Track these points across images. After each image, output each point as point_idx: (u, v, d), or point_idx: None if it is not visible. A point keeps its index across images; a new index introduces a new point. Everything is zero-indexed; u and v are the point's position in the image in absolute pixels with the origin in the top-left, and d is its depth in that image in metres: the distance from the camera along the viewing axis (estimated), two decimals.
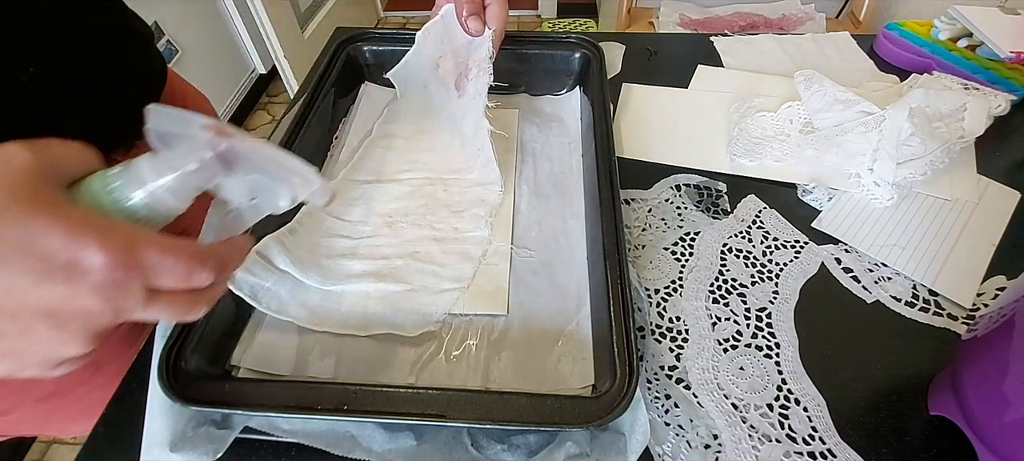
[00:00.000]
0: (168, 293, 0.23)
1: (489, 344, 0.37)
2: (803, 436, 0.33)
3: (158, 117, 0.22)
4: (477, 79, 0.45)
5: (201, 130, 0.22)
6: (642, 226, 0.45)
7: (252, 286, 0.37)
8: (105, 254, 0.20)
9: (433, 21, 0.47)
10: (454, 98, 0.49)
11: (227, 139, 0.23)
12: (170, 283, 0.22)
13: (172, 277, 0.22)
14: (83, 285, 0.20)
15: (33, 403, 0.45)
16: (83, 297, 0.20)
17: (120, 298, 0.21)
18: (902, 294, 0.40)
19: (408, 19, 2.53)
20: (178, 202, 0.24)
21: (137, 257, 0.21)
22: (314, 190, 0.26)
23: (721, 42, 0.67)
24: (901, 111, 0.46)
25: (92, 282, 0.20)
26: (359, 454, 0.30)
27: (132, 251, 0.21)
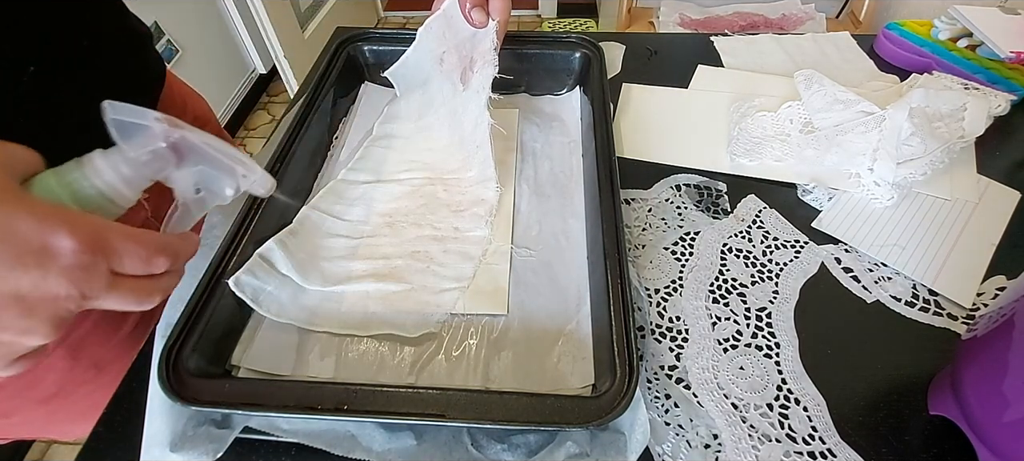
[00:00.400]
0: (129, 279, 0.24)
1: (489, 344, 0.37)
2: (803, 436, 0.33)
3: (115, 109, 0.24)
4: (482, 71, 0.45)
5: (155, 122, 0.24)
6: (642, 226, 0.45)
7: (254, 289, 0.37)
8: (74, 239, 0.21)
9: (435, 16, 0.47)
10: (458, 92, 0.49)
11: (179, 130, 0.25)
12: (132, 268, 0.24)
13: (134, 261, 0.23)
14: (53, 269, 0.21)
15: (35, 405, 0.45)
16: (52, 281, 0.21)
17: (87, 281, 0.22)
18: (902, 294, 0.40)
19: (408, 19, 2.53)
20: (131, 192, 0.25)
21: (103, 242, 0.22)
22: (255, 180, 0.29)
23: (721, 42, 0.67)
24: (901, 111, 0.46)
25: (62, 265, 0.21)
26: (359, 454, 0.30)
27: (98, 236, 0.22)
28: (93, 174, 0.24)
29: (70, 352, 0.43)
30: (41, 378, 0.43)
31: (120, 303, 0.24)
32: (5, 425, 0.47)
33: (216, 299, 0.34)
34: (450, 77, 0.49)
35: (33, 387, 0.43)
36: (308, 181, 0.47)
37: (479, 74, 0.45)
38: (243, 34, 1.77)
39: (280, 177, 0.42)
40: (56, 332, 0.22)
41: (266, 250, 0.38)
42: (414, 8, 2.53)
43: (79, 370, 0.44)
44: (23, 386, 0.43)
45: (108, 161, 0.24)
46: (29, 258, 0.20)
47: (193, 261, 0.38)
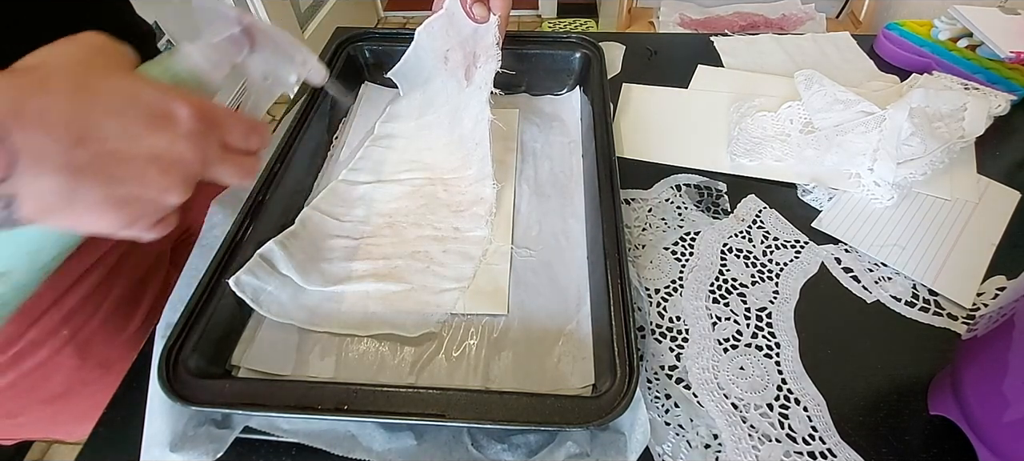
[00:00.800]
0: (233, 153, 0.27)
1: (489, 344, 0.37)
2: (803, 436, 0.33)
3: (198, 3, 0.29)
4: (485, 66, 0.45)
5: (229, 9, 0.29)
6: (642, 226, 0.45)
7: (255, 289, 0.37)
8: (190, 107, 0.24)
9: (436, 15, 0.47)
10: (462, 89, 0.49)
11: (249, 16, 0.30)
12: (235, 140, 0.27)
13: (237, 133, 0.27)
14: (178, 132, 0.24)
15: (42, 404, 0.45)
16: (179, 144, 0.24)
17: (205, 147, 0.25)
18: (902, 294, 0.40)
19: (408, 19, 2.53)
20: (217, 75, 0.30)
21: (211, 113, 0.25)
22: (312, 67, 0.34)
23: (721, 42, 0.67)
24: (901, 111, 0.46)
25: (184, 130, 0.24)
26: (359, 454, 0.30)
27: (207, 108, 0.25)
28: (185, 59, 0.28)
29: (78, 351, 0.44)
30: (48, 378, 0.43)
31: (229, 173, 0.27)
32: (11, 425, 0.47)
33: (216, 299, 0.34)
34: (455, 75, 0.49)
35: (40, 387, 0.44)
36: (308, 181, 0.47)
37: (482, 69, 0.46)
38: None
39: (280, 177, 0.42)
40: (187, 192, 0.25)
41: (267, 250, 0.38)
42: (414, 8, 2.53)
43: (86, 369, 0.45)
44: (30, 386, 0.43)
45: (196, 47, 0.28)
46: (157, 122, 0.23)
47: (193, 261, 0.39)
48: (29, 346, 0.42)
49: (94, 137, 0.22)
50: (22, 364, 0.42)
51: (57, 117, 0.21)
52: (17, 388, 0.43)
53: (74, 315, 0.43)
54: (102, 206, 0.23)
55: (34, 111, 0.20)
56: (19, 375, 0.42)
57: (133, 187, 0.23)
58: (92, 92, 0.22)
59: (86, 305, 0.44)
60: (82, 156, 0.21)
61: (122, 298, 0.47)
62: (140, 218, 0.24)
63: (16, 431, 0.49)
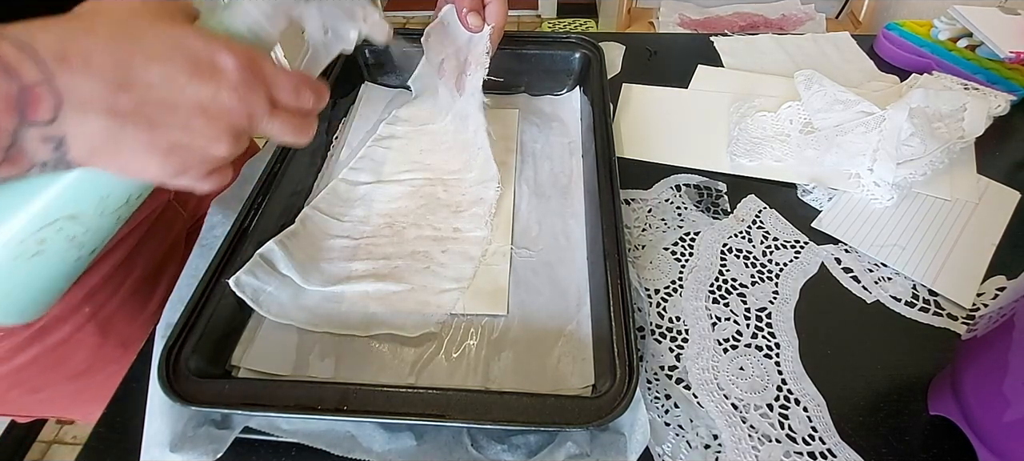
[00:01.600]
0: (283, 110, 0.26)
1: (489, 344, 0.37)
2: (803, 436, 0.33)
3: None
4: (474, 75, 0.46)
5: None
6: (642, 226, 0.45)
7: (255, 289, 0.37)
8: (235, 58, 0.24)
9: (433, 24, 0.47)
10: (457, 99, 0.49)
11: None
12: (284, 97, 0.26)
13: (286, 91, 0.26)
14: (224, 83, 0.23)
15: (65, 381, 0.46)
16: (224, 94, 0.23)
17: (251, 99, 0.24)
18: (902, 294, 0.40)
19: (408, 19, 2.53)
20: (273, 28, 0.29)
21: (258, 66, 0.25)
22: (374, 21, 0.32)
23: (721, 42, 0.67)
24: (901, 111, 0.46)
25: (229, 81, 0.23)
26: (359, 454, 0.30)
27: (254, 61, 0.25)
28: (241, 12, 0.27)
29: (99, 329, 0.45)
30: (71, 354, 0.45)
31: (280, 130, 0.26)
32: (33, 401, 0.48)
33: (216, 299, 0.34)
34: (448, 84, 0.50)
35: (63, 363, 0.45)
36: (308, 181, 0.47)
37: (471, 77, 0.46)
38: None
39: (280, 177, 0.42)
40: (236, 144, 0.25)
41: (267, 250, 0.38)
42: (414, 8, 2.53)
43: (108, 348, 0.46)
44: (54, 362, 0.44)
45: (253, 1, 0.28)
46: (204, 70, 0.23)
47: (193, 261, 0.39)
48: (53, 322, 0.43)
49: (138, 83, 0.22)
50: (46, 339, 0.43)
51: (100, 61, 0.21)
52: (41, 363, 0.44)
53: (96, 293, 0.45)
54: (148, 152, 0.23)
55: (78, 54, 0.21)
56: (43, 350, 0.43)
57: (178, 135, 0.23)
58: (137, 39, 0.22)
59: (107, 284, 0.45)
60: (125, 101, 0.22)
61: (142, 279, 0.48)
62: (189, 168, 0.25)
63: (39, 407, 0.51)
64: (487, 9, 0.45)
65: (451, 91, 0.49)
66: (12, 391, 0.46)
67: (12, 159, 0.21)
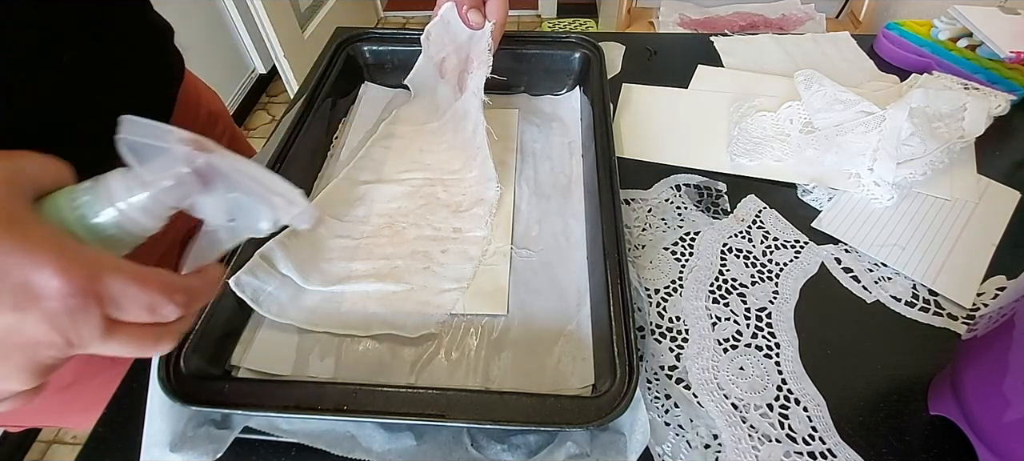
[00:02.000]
0: (131, 325, 0.21)
1: (489, 344, 0.37)
2: (803, 436, 0.33)
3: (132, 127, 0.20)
4: (476, 73, 0.46)
5: (178, 144, 0.21)
6: (642, 226, 0.45)
7: (255, 289, 0.37)
8: (62, 279, 0.18)
9: (433, 22, 0.47)
10: (457, 97, 0.49)
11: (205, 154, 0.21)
12: (133, 315, 0.21)
13: (136, 308, 0.21)
14: (33, 311, 0.18)
15: (53, 392, 0.45)
16: (31, 325, 0.18)
17: (74, 328, 0.19)
18: (902, 294, 0.40)
19: (408, 19, 2.53)
20: (151, 221, 0.22)
21: (98, 284, 0.19)
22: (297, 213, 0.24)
23: (721, 42, 0.67)
24: (901, 111, 0.46)
25: (44, 309, 0.18)
26: (359, 454, 0.30)
27: (93, 277, 0.19)
28: (106, 199, 0.21)
29: None
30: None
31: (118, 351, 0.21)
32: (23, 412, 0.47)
33: (216, 299, 0.34)
34: (450, 82, 0.50)
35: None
36: (308, 181, 0.47)
37: (474, 75, 0.46)
38: (243, 34, 1.77)
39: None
40: (34, 380, 0.20)
41: (267, 250, 0.38)
42: (414, 8, 2.53)
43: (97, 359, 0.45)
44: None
45: (125, 184, 0.21)
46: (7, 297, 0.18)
47: None
48: None
49: None
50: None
51: None
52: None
53: None
54: None
55: None
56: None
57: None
58: None
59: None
60: None
61: None
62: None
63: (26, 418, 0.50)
64: (487, 6, 0.45)
65: (452, 89, 0.49)
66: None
67: None
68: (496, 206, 0.44)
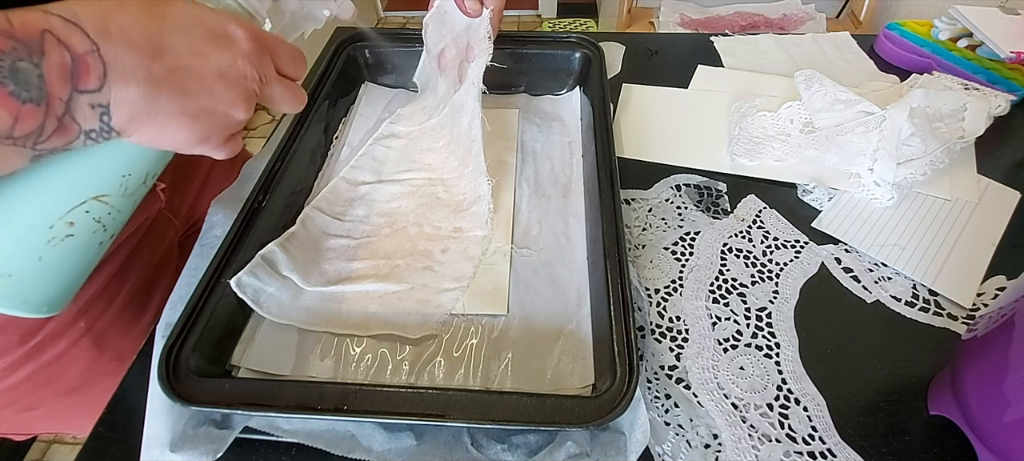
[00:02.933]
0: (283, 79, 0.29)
1: (489, 344, 0.37)
2: (803, 436, 0.33)
3: None
4: (477, 61, 0.45)
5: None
6: (642, 226, 0.45)
7: (255, 290, 0.37)
8: (246, 30, 0.27)
9: (431, 13, 0.47)
10: (456, 89, 0.49)
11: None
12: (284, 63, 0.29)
13: (285, 58, 0.29)
14: (237, 51, 0.26)
15: (59, 397, 0.46)
16: (239, 62, 0.26)
17: (262, 66, 0.27)
18: (902, 294, 0.40)
19: (408, 19, 2.53)
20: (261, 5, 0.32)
21: (263, 37, 0.28)
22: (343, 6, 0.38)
23: (721, 42, 0.67)
24: (901, 111, 0.46)
25: (242, 49, 0.26)
26: (359, 454, 0.30)
27: (258, 32, 0.27)
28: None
29: (94, 342, 0.45)
30: (65, 370, 0.45)
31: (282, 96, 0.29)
32: (28, 419, 0.48)
33: (216, 299, 0.34)
34: (449, 74, 0.49)
35: (58, 379, 0.45)
36: (308, 181, 0.47)
37: (474, 65, 0.45)
38: None
39: (280, 177, 0.42)
40: (250, 107, 0.27)
41: (268, 252, 0.38)
42: (414, 8, 2.53)
43: (102, 361, 0.46)
44: (48, 378, 0.44)
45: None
46: (219, 41, 0.26)
47: (193, 260, 0.39)
48: (48, 338, 0.43)
49: (168, 52, 0.24)
50: (41, 356, 0.43)
51: (136, 34, 0.23)
52: (35, 380, 0.43)
53: (90, 307, 0.44)
54: (179, 117, 0.25)
55: (117, 28, 0.23)
56: (37, 367, 0.43)
57: (204, 100, 0.25)
58: (161, 15, 0.24)
59: (101, 298, 0.45)
60: (159, 70, 0.24)
61: (135, 290, 0.48)
62: (212, 133, 0.27)
63: (32, 425, 0.50)
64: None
65: (451, 83, 0.49)
66: (6, 410, 0.45)
67: (64, 128, 0.22)
68: (496, 205, 0.44)
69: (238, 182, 0.44)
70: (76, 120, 0.23)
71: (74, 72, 0.22)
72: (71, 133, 0.23)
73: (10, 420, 0.47)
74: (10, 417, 0.46)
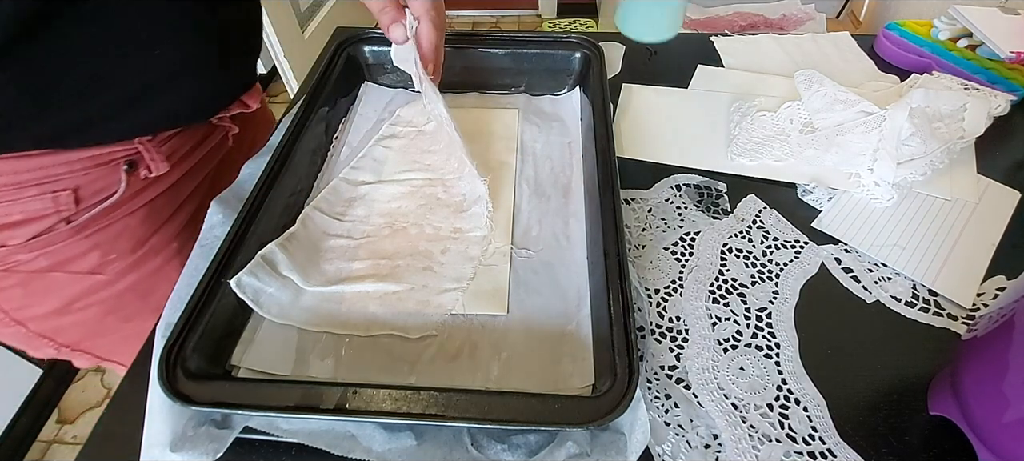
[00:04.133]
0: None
1: (489, 344, 0.37)
2: (803, 436, 0.33)
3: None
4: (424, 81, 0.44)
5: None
6: (642, 226, 0.45)
7: (255, 290, 0.37)
8: None
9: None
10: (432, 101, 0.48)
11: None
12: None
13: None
14: None
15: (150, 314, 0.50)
16: None
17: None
18: (902, 294, 0.40)
19: None
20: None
21: None
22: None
23: (721, 42, 0.67)
24: (901, 111, 0.46)
25: None
26: (359, 454, 0.30)
27: None
28: None
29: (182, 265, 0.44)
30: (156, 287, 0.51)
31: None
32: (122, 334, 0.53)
33: (216, 299, 0.34)
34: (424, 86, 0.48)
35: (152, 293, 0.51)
36: (308, 181, 0.47)
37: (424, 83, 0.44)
38: None
39: (280, 177, 0.42)
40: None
41: (268, 252, 0.38)
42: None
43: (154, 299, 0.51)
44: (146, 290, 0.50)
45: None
46: None
47: (193, 260, 0.39)
48: (148, 253, 0.49)
49: None
50: (142, 267, 0.49)
51: None
52: (137, 290, 0.49)
53: (182, 231, 0.51)
54: None
55: None
56: (140, 276, 0.49)
57: None
58: None
59: (191, 225, 0.51)
60: None
61: None
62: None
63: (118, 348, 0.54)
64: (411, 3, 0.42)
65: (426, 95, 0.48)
66: (108, 317, 0.50)
67: None
68: (496, 205, 0.44)
69: (238, 182, 0.44)
70: None
71: None
72: None
73: (110, 329, 0.52)
74: (112, 325, 0.51)
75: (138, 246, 0.48)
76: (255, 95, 0.53)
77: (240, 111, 0.52)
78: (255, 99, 0.53)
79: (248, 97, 0.53)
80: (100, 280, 0.47)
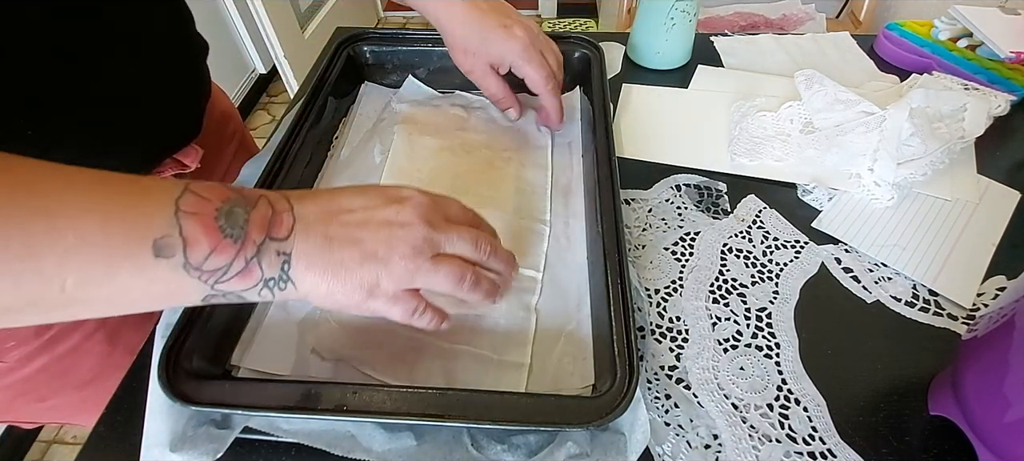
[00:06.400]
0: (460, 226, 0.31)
1: (489, 344, 0.37)
2: (803, 436, 0.33)
3: None
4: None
5: None
6: (642, 226, 0.45)
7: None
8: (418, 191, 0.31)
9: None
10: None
11: None
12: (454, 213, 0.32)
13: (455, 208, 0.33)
14: (407, 206, 0.30)
15: (72, 390, 0.47)
16: (406, 212, 0.29)
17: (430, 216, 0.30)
18: (902, 294, 0.40)
19: (408, 19, 2.53)
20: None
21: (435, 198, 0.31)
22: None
23: (721, 42, 0.67)
24: (901, 111, 0.46)
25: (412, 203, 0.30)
26: (359, 454, 0.30)
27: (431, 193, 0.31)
28: None
29: (108, 337, 0.46)
30: (79, 363, 0.46)
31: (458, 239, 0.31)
32: (40, 409, 0.49)
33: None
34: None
35: (71, 372, 0.46)
36: (308, 181, 0.47)
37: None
38: (243, 34, 1.77)
39: (280, 177, 0.42)
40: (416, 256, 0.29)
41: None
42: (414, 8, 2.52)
43: (116, 355, 0.47)
44: (63, 370, 0.45)
45: None
46: (393, 201, 0.30)
47: None
48: (62, 331, 0.44)
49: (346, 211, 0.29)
50: (56, 348, 0.44)
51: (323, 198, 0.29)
52: (50, 372, 0.44)
53: None
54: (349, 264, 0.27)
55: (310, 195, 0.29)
56: (52, 359, 0.44)
57: (378, 246, 0.28)
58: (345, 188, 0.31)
59: None
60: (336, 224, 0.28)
61: None
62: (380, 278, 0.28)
63: (44, 415, 0.51)
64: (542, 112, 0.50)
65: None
66: (17, 400, 0.46)
67: (249, 271, 0.25)
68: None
69: (238, 182, 0.44)
70: (260, 265, 0.25)
71: (271, 222, 0.26)
72: (253, 278, 0.25)
73: (22, 409, 0.48)
74: (23, 407, 0.47)
75: (43, 329, 0.43)
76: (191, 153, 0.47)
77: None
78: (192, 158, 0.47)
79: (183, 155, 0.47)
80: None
